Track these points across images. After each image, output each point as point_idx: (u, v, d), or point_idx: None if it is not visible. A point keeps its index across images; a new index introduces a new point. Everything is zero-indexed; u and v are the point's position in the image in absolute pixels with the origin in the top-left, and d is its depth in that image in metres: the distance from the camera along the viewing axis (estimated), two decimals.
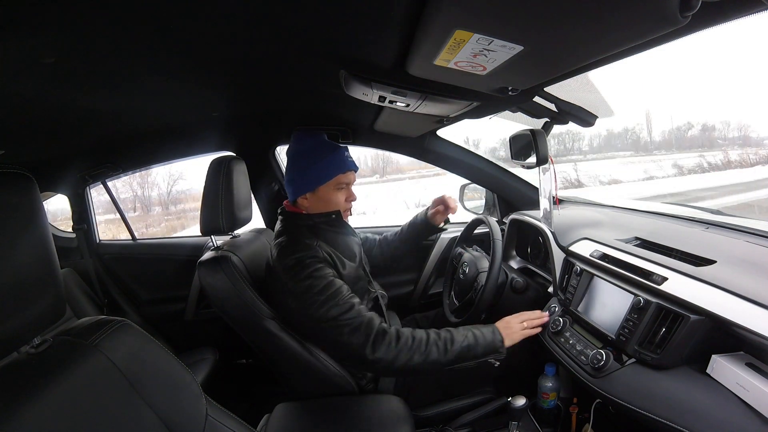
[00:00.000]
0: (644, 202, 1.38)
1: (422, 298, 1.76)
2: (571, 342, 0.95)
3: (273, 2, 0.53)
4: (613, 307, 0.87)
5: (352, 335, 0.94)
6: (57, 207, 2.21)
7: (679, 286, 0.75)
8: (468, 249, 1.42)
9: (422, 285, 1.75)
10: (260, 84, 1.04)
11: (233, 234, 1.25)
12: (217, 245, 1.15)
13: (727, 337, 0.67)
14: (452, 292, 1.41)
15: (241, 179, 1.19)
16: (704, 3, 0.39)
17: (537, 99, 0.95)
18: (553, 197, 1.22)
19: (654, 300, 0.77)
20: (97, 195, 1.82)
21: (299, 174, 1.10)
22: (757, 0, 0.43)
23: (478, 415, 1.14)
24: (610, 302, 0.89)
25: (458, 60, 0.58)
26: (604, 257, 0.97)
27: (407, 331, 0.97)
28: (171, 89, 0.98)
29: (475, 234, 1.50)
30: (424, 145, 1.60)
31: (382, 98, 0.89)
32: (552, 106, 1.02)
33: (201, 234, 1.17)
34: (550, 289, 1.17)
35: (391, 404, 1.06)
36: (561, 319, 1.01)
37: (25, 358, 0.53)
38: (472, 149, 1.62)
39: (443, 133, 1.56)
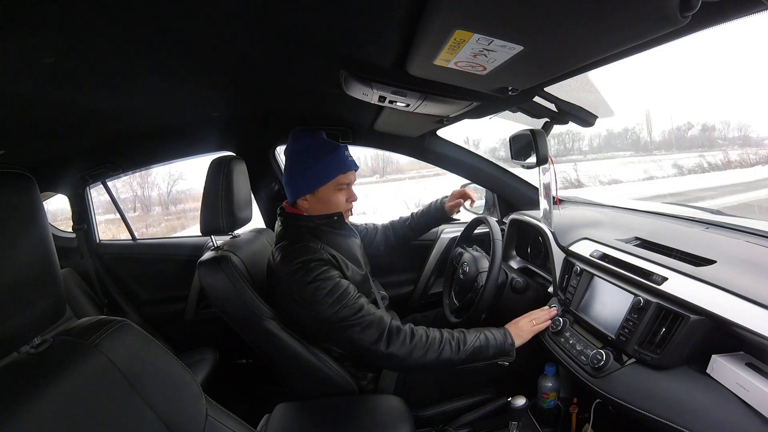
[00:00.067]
0: (644, 202, 1.38)
1: (422, 298, 1.76)
2: (571, 342, 0.95)
3: (273, 2, 0.53)
4: (613, 307, 0.87)
5: (364, 332, 0.95)
6: (57, 207, 2.22)
7: (679, 286, 0.75)
8: (468, 249, 1.42)
9: (422, 285, 1.75)
10: (260, 84, 1.04)
11: (233, 234, 1.25)
12: (217, 245, 1.15)
13: (727, 337, 0.67)
14: (452, 292, 1.40)
15: (241, 179, 1.19)
16: (704, 3, 0.39)
17: (537, 99, 0.95)
18: (553, 197, 1.22)
19: (654, 300, 0.77)
20: (97, 195, 1.82)
21: (298, 175, 1.08)
22: (757, 0, 0.43)
23: (478, 415, 1.14)
24: (610, 302, 0.89)
25: (458, 60, 0.58)
26: (604, 257, 0.97)
27: (421, 329, 0.98)
28: (171, 89, 0.98)
29: (475, 234, 1.50)
30: (424, 145, 1.60)
31: (382, 98, 0.89)
32: (552, 106, 1.03)
33: (201, 234, 1.17)
34: (550, 289, 1.17)
35: (391, 404, 1.05)
36: (561, 319, 1.01)
37: (25, 358, 0.53)
38: (472, 149, 1.62)
39: (443, 133, 1.56)
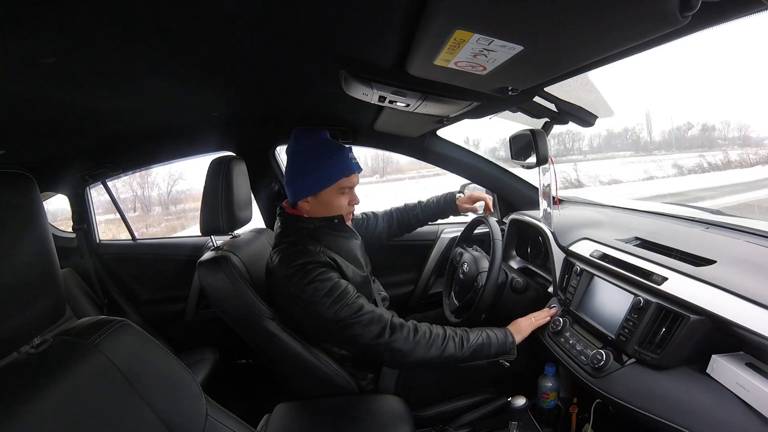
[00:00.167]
0: (644, 202, 1.38)
1: (422, 298, 1.76)
2: (571, 342, 0.95)
3: (273, 2, 0.53)
4: (613, 307, 0.87)
5: (365, 329, 0.95)
6: (57, 207, 2.21)
7: (679, 286, 0.75)
8: (468, 249, 1.42)
9: (422, 285, 1.75)
10: (260, 84, 1.04)
11: (233, 234, 1.25)
12: (217, 245, 1.15)
13: (727, 337, 0.67)
14: (452, 292, 1.40)
15: (241, 179, 1.19)
16: (704, 3, 0.39)
17: (537, 99, 0.95)
18: (553, 197, 1.22)
19: (654, 300, 0.77)
20: (97, 195, 1.82)
21: (300, 176, 1.07)
22: (757, 0, 0.43)
23: (478, 415, 1.14)
24: (610, 302, 0.89)
25: (458, 60, 0.58)
26: (604, 257, 0.97)
27: (424, 326, 0.99)
28: (171, 89, 0.98)
29: (475, 234, 1.50)
30: (424, 145, 1.60)
31: (382, 98, 0.89)
32: (552, 106, 1.02)
33: (201, 234, 1.17)
34: (550, 289, 1.17)
35: (391, 404, 1.06)
36: (561, 319, 1.01)
37: (25, 358, 0.53)
38: (472, 149, 1.63)
39: (443, 133, 1.56)
